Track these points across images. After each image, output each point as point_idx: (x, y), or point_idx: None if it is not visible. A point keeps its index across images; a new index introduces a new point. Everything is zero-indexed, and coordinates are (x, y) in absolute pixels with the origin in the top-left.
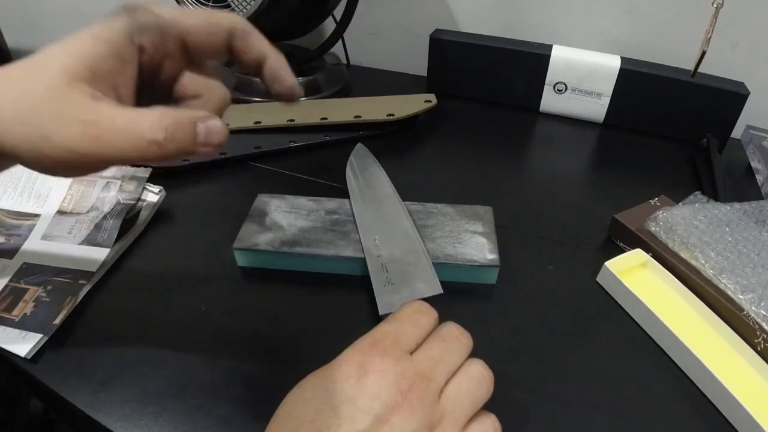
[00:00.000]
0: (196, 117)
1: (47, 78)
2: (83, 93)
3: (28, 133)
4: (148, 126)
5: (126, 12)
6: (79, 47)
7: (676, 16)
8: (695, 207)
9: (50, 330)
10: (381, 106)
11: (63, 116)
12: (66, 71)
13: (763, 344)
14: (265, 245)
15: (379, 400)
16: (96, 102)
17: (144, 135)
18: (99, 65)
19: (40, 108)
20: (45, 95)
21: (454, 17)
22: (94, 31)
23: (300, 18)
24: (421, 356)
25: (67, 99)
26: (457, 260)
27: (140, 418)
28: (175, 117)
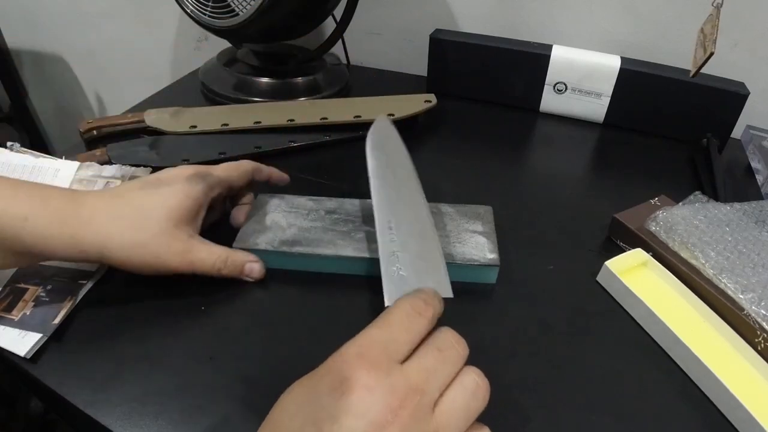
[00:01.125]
0: (246, 260)
1: (159, 222)
2: (184, 233)
3: (144, 253)
4: (216, 258)
5: (202, 178)
6: (176, 203)
7: (676, 16)
8: (695, 207)
9: (50, 329)
10: (381, 106)
11: (171, 247)
12: (171, 220)
13: (763, 344)
14: (265, 244)
15: (365, 419)
16: (191, 239)
17: (214, 264)
18: (190, 214)
19: (156, 240)
20: (160, 233)
21: (454, 17)
22: (185, 191)
23: (300, 18)
24: (414, 367)
25: (174, 236)
26: (456, 260)
27: (140, 418)
28: (232, 257)
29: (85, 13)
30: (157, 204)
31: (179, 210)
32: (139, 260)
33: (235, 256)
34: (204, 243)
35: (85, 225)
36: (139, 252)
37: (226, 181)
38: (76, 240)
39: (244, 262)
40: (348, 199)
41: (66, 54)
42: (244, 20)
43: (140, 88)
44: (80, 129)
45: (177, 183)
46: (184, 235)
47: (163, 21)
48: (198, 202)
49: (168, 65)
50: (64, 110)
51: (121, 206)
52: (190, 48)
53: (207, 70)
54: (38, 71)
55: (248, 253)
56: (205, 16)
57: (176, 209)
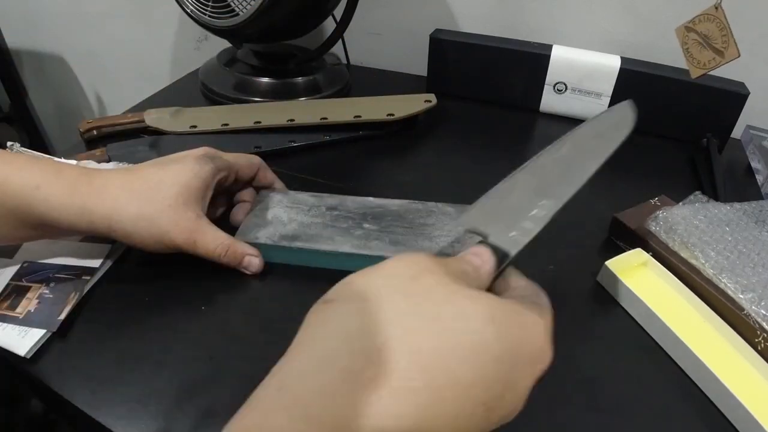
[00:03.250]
0: (246, 252)
1: (168, 197)
2: (192, 211)
3: (152, 227)
4: (219, 243)
5: (211, 159)
6: (186, 180)
7: (676, 16)
8: (695, 207)
9: (55, 325)
10: (381, 106)
11: (179, 224)
12: (180, 196)
13: (763, 343)
14: (265, 238)
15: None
16: (198, 219)
17: (216, 249)
18: (198, 193)
19: (165, 215)
20: (168, 209)
21: (454, 17)
22: (195, 170)
23: (300, 18)
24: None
25: (182, 213)
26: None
27: (140, 418)
28: (234, 247)
29: (85, 13)
30: (167, 179)
31: (188, 187)
32: (146, 233)
33: (237, 246)
34: (211, 226)
35: (96, 195)
36: (146, 225)
37: (234, 166)
38: (86, 210)
39: (244, 253)
40: (349, 196)
41: (66, 54)
42: (244, 20)
43: (140, 88)
44: (80, 129)
45: (187, 161)
46: (192, 214)
47: (163, 21)
48: (206, 182)
49: (168, 65)
50: (64, 110)
51: (132, 179)
52: (190, 48)
53: (207, 70)
54: (38, 71)
55: (251, 246)
56: (205, 16)
57: (185, 186)
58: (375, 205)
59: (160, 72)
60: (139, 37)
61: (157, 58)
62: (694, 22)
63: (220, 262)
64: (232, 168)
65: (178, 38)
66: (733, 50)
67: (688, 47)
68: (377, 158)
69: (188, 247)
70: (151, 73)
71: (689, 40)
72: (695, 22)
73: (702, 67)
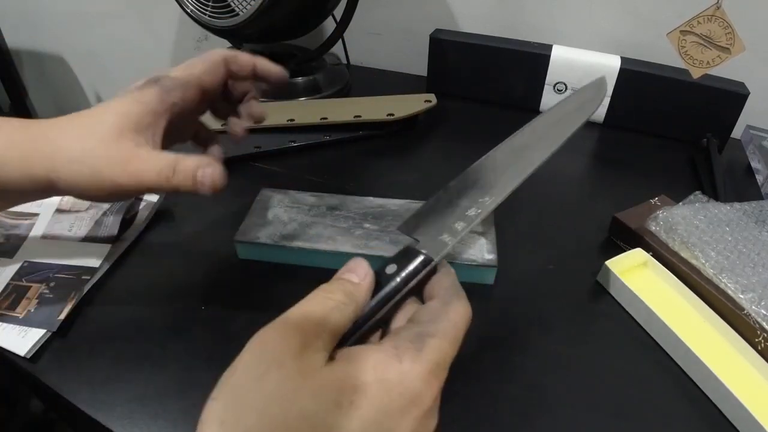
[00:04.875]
0: (198, 164)
1: (101, 131)
2: (129, 141)
3: (82, 169)
4: (163, 164)
5: (153, 82)
6: (125, 109)
7: (676, 16)
8: (695, 207)
9: (55, 325)
10: (381, 106)
11: (112, 158)
12: (116, 126)
13: (763, 343)
14: (266, 238)
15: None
16: (137, 148)
17: (161, 171)
18: (140, 121)
19: (95, 152)
20: (99, 144)
21: (454, 17)
22: (135, 96)
23: (300, 18)
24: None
25: (115, 146)
26: (454, 259)
27: (140, 418)
28: (183, 162)
29: (85, 13)
30: (104, 114)
31: (126, 115)
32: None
33: (186, 162)
34: (154, 152)
35: (33, 141)
36: (78, 168)
37: (186, 80)
38: (26, 162)
39: (196, 167)
40: (350, 196)
41: (66, 54)
42: (244, 20)
43: None
44: None
45: (128, 92)
46: (129, 144)
47: (163, 21)
48: (149, 108)
49: (168, 65)
50: (64, 110)
51: (67, 120)
52: (190, 48)
53: None
54: (38, 71)
55: (202, 157)
56: (205, 16)
57: (123, 115)
58: (375, 205)
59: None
60: (139, 37)
61: (157, 58)
62: (691, 25)
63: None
64: (187, 85)
65: (178, 38)
66: (739, 45)
67: (686, 50)
68: (377, 158)
69: (130, 181)
70: (151, 73)
71: (687, 42)
72: (693, 24)
73: (704, 67)
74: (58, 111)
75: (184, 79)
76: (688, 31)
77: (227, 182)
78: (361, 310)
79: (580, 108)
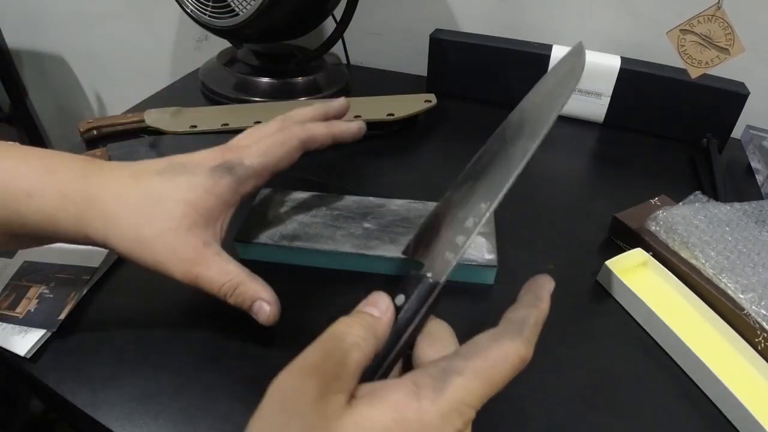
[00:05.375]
0: (258, 296)
1: (170, 219)
2: (198, 238)
3: (144, 253)
4: (226, 281)
5: (229, 170)
6: (196, 200)
7: (676, 16)
8: (695, 207)
9: (55, 325)
10: (381, 106)
11: (177, 252)
12: (186, 217)
13: (763, 343)
14: (266, 238)
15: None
16: (205, 248)
17: (221, 288)
18: (210, 214)
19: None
20: (167, 233)
21: (454, 17)
22: (207, 186)
23: (300, 18)
24: None
25: (184, 240)
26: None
27: (140, 418)
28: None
29: (85, 13)
30: (171, 195)
31: (196, 207)
32: (139, 259)
33: (248, 287)
34: (219, 257)
35: (90, 206)
36: (140, 250)
37: (262, 170)
38: (81, 223)
39: (255, 298)
40: (350, 195)
41: (66, 54)
42: (244, 20)
43: (140, 88)
44: (80, 129)
45: (199, 173)
46: (196, 241)
47: (163, 21)
48: (222, 200)
49: (168, 65)
50: (64, 110)
51: (130, 190)
52: (190, 48)
53: (207, 70)
54: (38, 71)
55: (266, 288)
56: (205, 16)
57: (193, 206)
58: (375, 205)
59: (160, 72)
60: (139, 37)
61: (157, 58)
62: (691, 24)
63: (227, 302)
64: (261, 174)
65: (178, 38)
66: (738, 46)
67: (686, 49)
68: (377, 158)
69: (189, 282)
70: (151, 73)
71: (686, 42)
72: (692, 24)
73: (703, 66)
74: (58, 111)
75: (259, 168)
76: (688, 30)
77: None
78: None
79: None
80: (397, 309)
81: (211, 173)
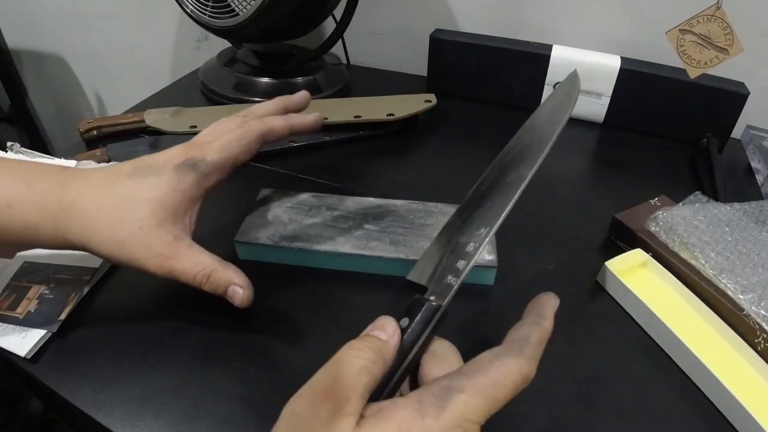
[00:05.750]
0: (231, 281)
1: (140, 218)
2: (168, 233)
3: (122, 252)
4: (199, 270)
5: (192, 167)
6: (162, 198)
7: (676, 16)
8: (695, 207)
9: (55, 326)
10: (381, 106)
11: (151, 249)
12: (155, 215)
13: (763, 344)
14: (266, 239)
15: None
16: (176, 242)
17: (195, 276)
18: (178, 209)
19: (135, 239)
20: (140, 231)
21: (454, 17)
22: (172, 184)
23: (300, 18)
24: None
25: (155, 237)
26: None
27: (140, 418)
28: (218, 274)
29: (85, 13)
30: (140, 196)
31: (164, 205)
32: (117, 259)
33: (220, 274)
34: (191, 249)
35: (67, 214)
36: (117, 250)
37: (223, 164)
38: (60, 230)
39: (228, 283)
40: (350, 196)
41: (66, 54)
42: (244, 20)
43: (140, 88)
44: (80, 129)
45: (165, 173)
46: (168, 236)
47: (163, 21)
48: (187, 196)
49: (168, 65)
50: (64, 110)
51: (103, 194)
52: (190, 48)
53: (207, 70)
54: (38, 71)
55: (238, 273)
56: (205, 16)
57: (161, 204)
58: (375, 206)
59: (160, 72)
60: (139, 37)
61: (157, 58)
62: (690, 24)
63: (202, 290)
64: (222, 167)
65: (178, 38)
66: (738, 46)
67: (685, 49)
68: (377, 158)
69: (164, 275)
70: (151, 73)
71: (685, 42)
72: (692, 24)
73: (702, 67)
74: (58, 111)
75: (220, 163)
76: (687, 30)
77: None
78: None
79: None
80: (402, 331)
81: (175, 171)
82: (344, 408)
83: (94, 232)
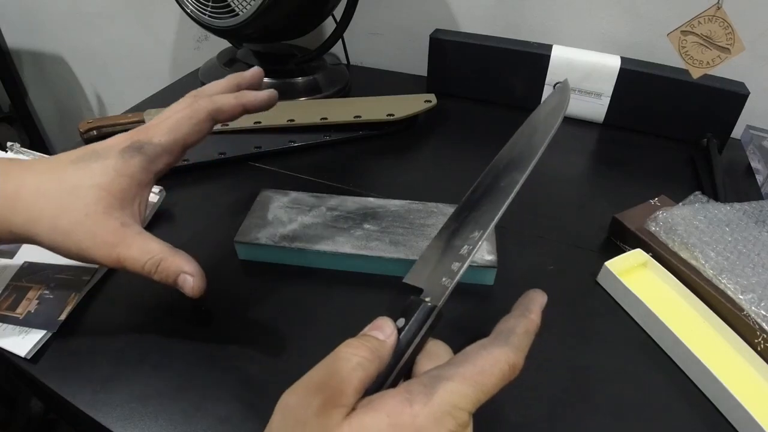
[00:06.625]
0: (181, 270)
1: (85, 206)
2: (115, 220)
3: (67, 242)
4: (148, 259)
5: (138, 150)
6: (109, 183)
7: (676, 16)
8: (695, 207)
9: (55, 326)
10: (381, 106)
11: (97, 237)
12: (100, 201)
13: (762, 344)
14: (266, 239)
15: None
16: (124, 228)
17: (144, 265)
18: (125, 195)
19: (81, 228)
20: (85, 219)
21: (454, 17)
22: (118, 168)
23: (300, 18)
24: None
25: (102, 224)
26: None
27: (140, 418)
28: (167, 263)
29: (85, 14)
30: (84, 182)
31: (110, 191)
32: (65, 249)
33: (170, 263)
34: (140, 236)
35: (10, 203)
36: (62, 240)
37: (171, 146)
38: (4, 222)
39: (178, 272)
40: (350, 196)
41: (66, 54)
42: (244, 20)
43: (140, 88)
44: (80, 129)
45: (110, 157)
46: (115, 224)
47: (163, 21)
48: (134, 180)
49: (168, 65)
50: (64, 110)
51: (47, 182)
52: (190, 48)
53: (207, 70)
54: (38, 71)
55: (189, 261)
56: (205, 16)
57: (106, 189)
58: (375, 206)
59: (160, 72)
60: (139, 37)
61: (157, 58)
62: (692, 25)
63: (152, 279)
64: (172, 150)
65: (178, 38)
66: (739, 46)
67: (687, 50)
68: (377, 158)
69: (113, 264)
70: (151, 73)
71: (687, 43)
72: (693, 25)
73: (704, 67)
74: (58, 111)
75: (169, 145)
76: (688, 32)
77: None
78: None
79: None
80: (399, 331)
81: (121, 155)
82: (337, 400)
83: (39, 221)
